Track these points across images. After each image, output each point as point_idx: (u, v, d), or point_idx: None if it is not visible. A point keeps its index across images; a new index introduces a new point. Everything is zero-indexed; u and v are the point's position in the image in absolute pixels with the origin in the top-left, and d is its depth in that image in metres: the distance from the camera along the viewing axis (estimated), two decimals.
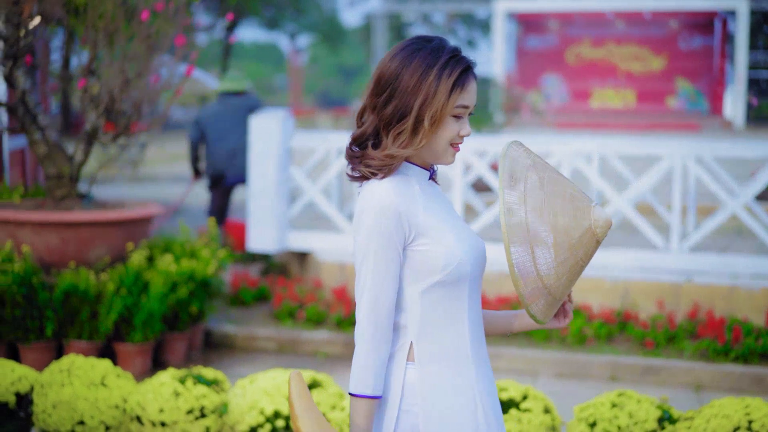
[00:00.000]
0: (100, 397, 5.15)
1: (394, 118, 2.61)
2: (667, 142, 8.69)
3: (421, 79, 2.60)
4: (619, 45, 33.31)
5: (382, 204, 2.57)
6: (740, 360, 7.26)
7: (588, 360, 7.42)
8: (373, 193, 2.59)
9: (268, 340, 8.03)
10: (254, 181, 9.15)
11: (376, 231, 2.57)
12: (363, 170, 2.64)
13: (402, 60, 2.62)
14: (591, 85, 33.25)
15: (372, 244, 2.57)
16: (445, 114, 2.61)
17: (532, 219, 2.63)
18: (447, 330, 2.66)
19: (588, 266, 8.17)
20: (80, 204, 7.73)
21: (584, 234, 2.69)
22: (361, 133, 2.67)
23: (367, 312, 2.59)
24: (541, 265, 2.67)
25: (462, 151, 8.79)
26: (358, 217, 2.60)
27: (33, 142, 7.71)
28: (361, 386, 2.59)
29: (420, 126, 2.60)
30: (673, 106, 32.41)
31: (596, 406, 4.91)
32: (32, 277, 7.07)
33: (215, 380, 5.29)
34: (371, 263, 2.58)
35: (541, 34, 33.68)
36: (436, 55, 2.63)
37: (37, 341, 7.11)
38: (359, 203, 2.62)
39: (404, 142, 2.62)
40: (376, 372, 2.59)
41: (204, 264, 7.71)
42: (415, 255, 2.61)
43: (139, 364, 7.26)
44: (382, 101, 2.62)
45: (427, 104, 2.59)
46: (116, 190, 17.71)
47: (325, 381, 5.21)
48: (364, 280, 2.60)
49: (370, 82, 2.70)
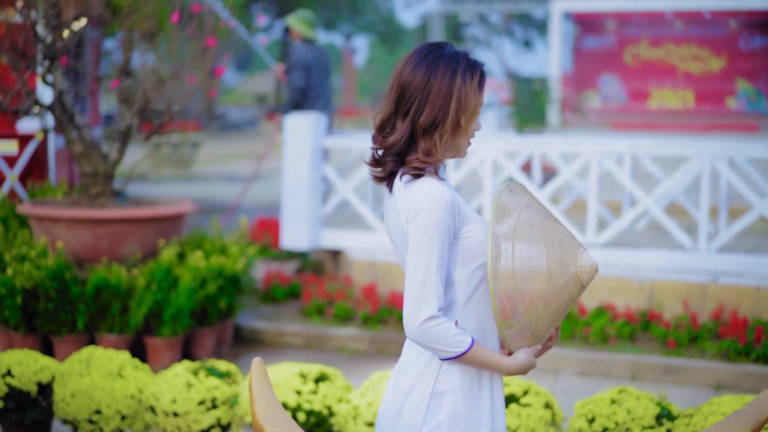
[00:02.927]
0: (116, 388, 5.33)
1: (433, 123, 2.84)
2: (696, 143, 8.70)
3: (451, 84, 2.84)
4: (677, 45, 32.98)
5: (440, 199, 2.78)
6: (761, 360, 7.27)
7: (610, 359, 7.47)
8: (427, 191, 2.80)
9: (295, 336, 8.18)
10: (288, 179, 9.31)
11: (435, 224, 2.78)
12: (409, 172, 2.85)
13: (427, 69, 2.85)
14: (649, 86, 32.95)
15: (434, 236, 2.78)
16: (477, 113, 2.89)
17: (519, 264, 2.82)
18: (482, 308, 2.92)
19: (614, 266, 8.24)
20: (114, 201, 7.94)
21: (569, 279, 2.87)
22: (394, 141, 2.88)
23: (431, 290, 2.77)
24: (526, 310, 2.85)
25: (491, 152, 8.87)
26: (417, 214, 2.79)
27: (69, 141, 7.93)
28: (461, 345, 2.79)
29: (458, 127, 2.87)
30: (732, 106, 32.03)
31: (596, 402, 4.98)
32: (65, 272, 7.29)
33: (228, 372, 5.44)
34: (430, 253, 2.77)
35: (598, 34, 33.44)
36: (455, 59, 2.87)
37: (70, 334, 7.33)
38: (411, 201, 2.82)
39: (447, 143, 2.87)
40: (456, 330, 2.80)
41: (233, 260, 7.88)
42: (464, 241, 2.85)
43: (168, 357, 7.45)
44: (414, 110, 2.85)
45: (462, 107, 2.85)
46: (167, 188, 18.01)
47: (333, 375, 5.34)
48: (417, 266, 2.78)
49: (392, 92, 2.90)
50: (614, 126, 27.39)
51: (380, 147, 2.92)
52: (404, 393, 2.94)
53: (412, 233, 2.81)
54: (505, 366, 2.89)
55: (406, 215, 2.83)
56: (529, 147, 9.29)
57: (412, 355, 2.96)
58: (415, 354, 2.95)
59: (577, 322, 7.95)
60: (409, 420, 2.91)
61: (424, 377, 2.91)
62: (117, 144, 8.01)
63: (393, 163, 2.90)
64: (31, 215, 7.78)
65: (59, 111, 7.85)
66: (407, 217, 2.83)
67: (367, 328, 8.21)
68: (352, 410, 5.09)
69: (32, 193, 9.03)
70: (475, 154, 8.95)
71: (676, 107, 32.45)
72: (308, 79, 9.95)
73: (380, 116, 2.92)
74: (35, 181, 9.40)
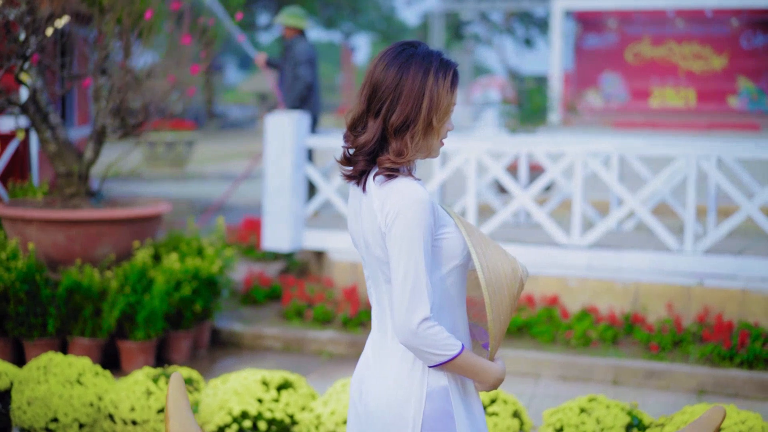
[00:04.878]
0: (74, 395, 5.19)
1: (405, 123, 2.78)
2: (682, 143, 8.54)
3: (423, 83, 2.78)
4: (679, 43, 32.80)
5: (420, 200, 2.73)
6: (745, 365, 7.11)
7: (591, 363, 7.32)
8: (405, 192, 2.74)
9: (274, 339, 8.04)
10: (269, 179, 9.17)
11: (417, 224, 2.72)
12: (382, 173, 2.78)
13: (399, 68, 2.80)
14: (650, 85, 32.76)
15: (418, 237, 2.71)
16: (449, 113, 2.83)
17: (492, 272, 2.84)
18: (456, 310, 2.88)
19: (599, 268, 8.09)
20: (89, 202, 7.80)
21: (519, 284, 2.93)
22: (366, 140, 2.82)
23: (422, 292, 2.70)
24: (499, 315, 2.88)
25: (475, 152, 8.72)
26: (398, 216, 2.72)
27: (44, 140, 7.80)
28: (452, 349, 2.72)
29: (430, 127, 2.81)
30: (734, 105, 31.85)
31: (565, 411, 4.84)
32: (36, 274, 7.15)
33: (189, 379, 5.31)
34: (416, 254, 2.71)
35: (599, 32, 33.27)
36: (428, 59, 2.82)
37: (41, 338, 7.19)
38: (390, 202, 2.75)
39: (418, 143, 2.81)
40: (447, 333, 2.74)
41: (209, 262, 7.74)
42: (441, 242, 2.80)
43: (141, 361, 7.31)
44: (386, 108, 2.79)
45: (434, 106, 2.79)
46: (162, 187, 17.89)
47: (297, 382, 5.20)
48: (406, 268, 2.71)
49: (364, 91, 2.85)
50: (616, 125, 27.26)
51: (352, 146, 2.87)
52: (390, 399, 2.83)
53: (394, 235, 2.74)
54: (493, 371, 2.84)
55: (385, 217, 2.77)
56: (515, 147, 9.14)
57: (394, 360, 2.85)
58: (398, 359, 2.85)
59: (559, 325, 7.80)
60: (400, 425, 2.82)
61: (413, 381, 2.82)
62: (92, 144, 7.88)
63: (364, 163, 2.84)
64: (4, 216, 7.65)
65: (33, 110, 7.71)
66: (386, 219, 2.76)
67: (346, 331, 8.06)
68: (315, 419, 4.95)
69: (13, 193, 8.88)
70: (460, 154, 8.80)
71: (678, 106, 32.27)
72: (314, 74, 9.97)
73: (352, 115, 2.87)
74: (17, 181, 9.27)
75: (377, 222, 2.80)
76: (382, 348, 2.90)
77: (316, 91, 10.25)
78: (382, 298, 2.90)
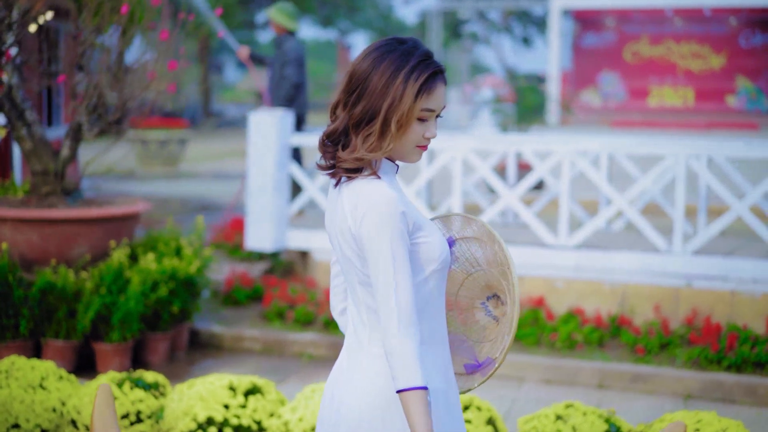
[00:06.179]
0: (36, 400, 5.04)
1: (363, 120, 2.64)
2: (670, 142, 8.38)
3: (389, 81, 2.62)
4: (678, 43, 32.67)
5: (387, 200, 2.59)
6: (733, 369, 6.95)
7: (576, 366, 7.15)
8: (372, 192, 2.61)
9: (254, 340, 7.88)
10: (252, 178, 9.01)
11: (389, 225, 2.58)
12: (338, 170, 2.67)
13: (373, 61, 2.66)
14: (649, 84, 32.63)
15: (389, 239, 2.58)
16: (411, 118, 2.63)
17: None
18: (435, 315, 2.73)
19: (586, 269, 7.94)
20: (65, 201, 7.64)
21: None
22: (334, 129, 2.69)
23: (398, 303, 2.57)
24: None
25: (461, 150, 8.57)
26: (365, 217, 2.59)
27: (19, 137, 7.64)
28: (414, 379, 2.53)
29: (387, 129, 2.63)
30: (732, 104, 31.71)
31: (540, 418, 4.68)
32: (8, 275, 6.99)
33: (155, 384, 5.15)
34: (390, 258, 2.58)
35: (598, 31, 33.14)
36: (406, 58, 2.65)
37: (13, 340, 7.03)
38: (359, 204, 2.61)
39: (372, 144, 2.64)
40: (421, 362, 2.57)
41: (187, 262, 7.58)
42: (416, 247, 2.65)
43: (117, 363, 7.15)
44: (352, 100, 2.66)
45: (394, 108, 2.61)
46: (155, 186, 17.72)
47: (266, 387, 5.04)
48: (386, 276, 2.58)
49: (344, 78, 2.71)
50: (614, 124, 27.16)
51: (324, 135, 2.73)
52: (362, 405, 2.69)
53: (366, 242, 2.60)
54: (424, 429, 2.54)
55: (353, 218, 2.63)
56: (502, 145, 8.98)
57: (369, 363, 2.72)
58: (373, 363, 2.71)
59: (544, 327, 7.64)
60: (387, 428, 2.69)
61: (388, 386, 2.68)
62: (69, 141, 7.72)
63: (331, 154, 2.71)
64: None
65: (8, 106, 7.55)
66: (354, 221, 2.63)
67: (328, 332, 7.90)
68: (283, 425, 4.79)
69: None
70: (446, 152, 8.64)
71: (676, 105, 32.12)
72: (302, 73, 9.81)
73: (333, 102, 2.74)
74: None
75: (347, 224, 2.67)
76: (358, 350, 2.77)
77: (304, 90, 10.10)
78: (357, 299, 2.76)
